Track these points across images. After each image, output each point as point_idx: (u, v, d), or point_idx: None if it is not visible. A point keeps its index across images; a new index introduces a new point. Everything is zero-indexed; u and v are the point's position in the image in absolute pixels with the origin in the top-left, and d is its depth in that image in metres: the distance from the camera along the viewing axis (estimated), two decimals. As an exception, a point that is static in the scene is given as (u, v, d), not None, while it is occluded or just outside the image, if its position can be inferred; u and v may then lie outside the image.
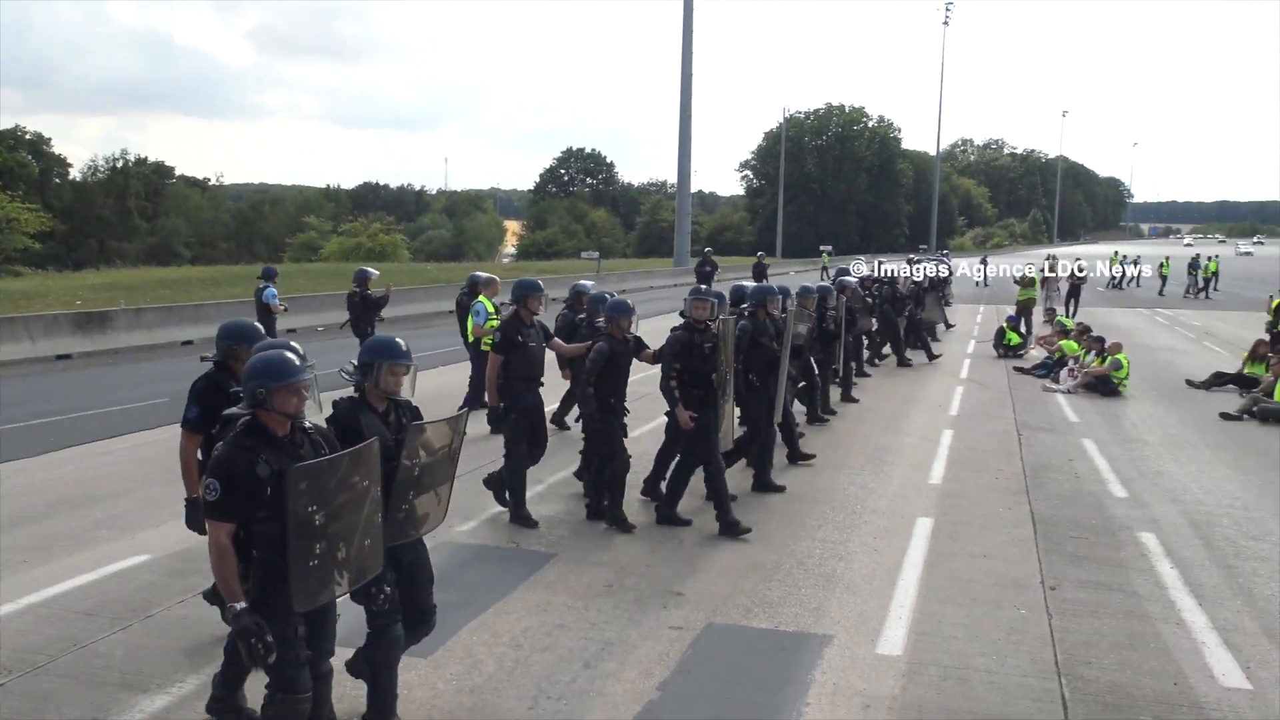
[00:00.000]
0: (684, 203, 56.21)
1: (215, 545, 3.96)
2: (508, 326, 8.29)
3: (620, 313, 8.11)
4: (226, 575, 3.94)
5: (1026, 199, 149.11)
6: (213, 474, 3.97)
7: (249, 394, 4.07)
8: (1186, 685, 5.50)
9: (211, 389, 5.46)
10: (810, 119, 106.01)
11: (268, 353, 4.28)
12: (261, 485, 3.94)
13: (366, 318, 15.28)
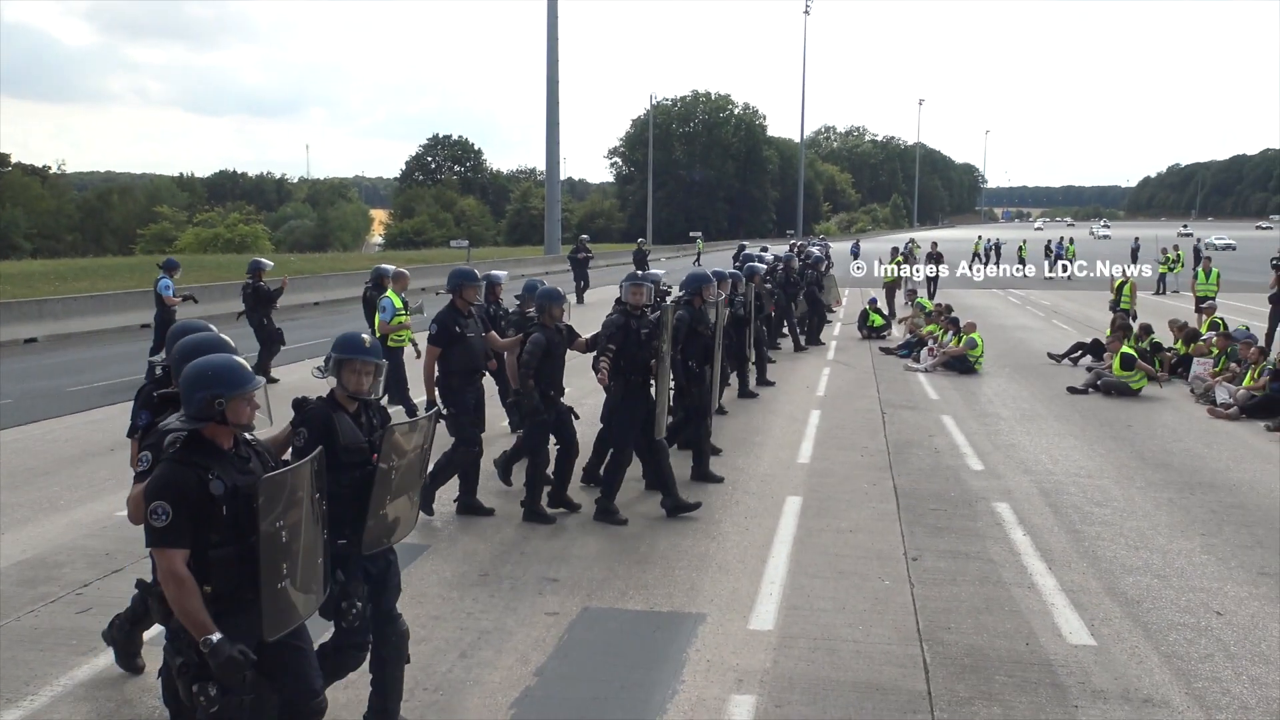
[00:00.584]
0: (553, 190, 55.99)
1: (172, 576, 3.46)
2: (445, 317, 8.00)
3: (552, 301, 7.95)
4: (192, 606, 3.47)
5: (887, 184, 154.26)
6: (157, 495, 3.48)
7: (200, 403, 3.59)
8: (1037, 645, 5.81)
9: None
10: (677, 106, 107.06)
11: (215, 357, 3.81)
12: (216, 505, 3.53)
13: (261, 309, 14.85)
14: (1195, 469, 9.96)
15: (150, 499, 3.48)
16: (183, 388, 3.68)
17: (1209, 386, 13.66)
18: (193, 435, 3.62)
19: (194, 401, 3.61)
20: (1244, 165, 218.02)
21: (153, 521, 3.47)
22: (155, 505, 3.46)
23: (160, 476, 3.54)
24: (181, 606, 3.48)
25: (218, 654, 3.44)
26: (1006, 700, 5.13)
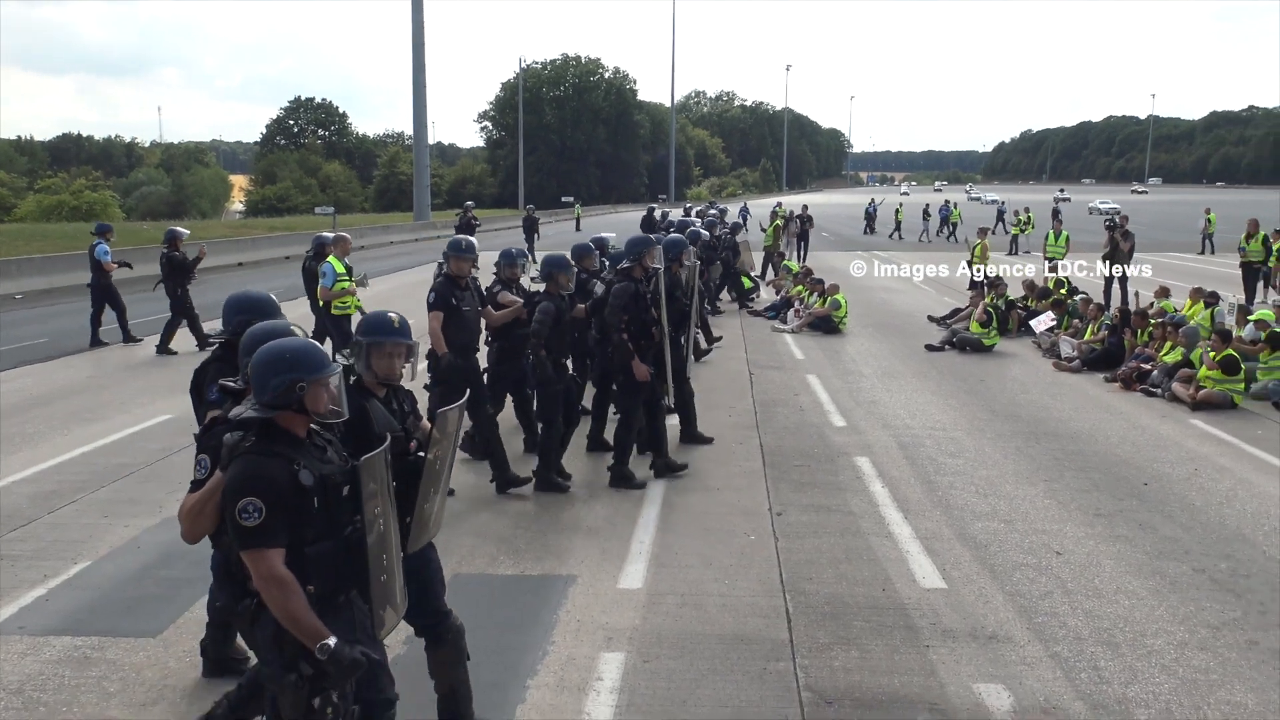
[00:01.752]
0: (421, 155, 54.83)
1: (273, 579, 3.13)
2: (442, 288, 7.79)
3: (560, 269, 7.83)
4: (300, 610, 3.14)
5: (757, 149, 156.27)
6: (245, 491, 3.13)
7: (278, 389, 3.26)
8: (893, 590, 6.08)
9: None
10: (547, 70, 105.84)
11: (293, 340, 3.48)
12: (308, 497, 3.22)
13: (176, 279, 14.38)
14: (1040, 419, 10.51)
15: (237, 496, 3.13)
16: (257, 371, 3.31)
17: (1054, 341, 14.41)
18: (266, 424, 3.28)
19: (271, 386, 3.27)
20: (1089, 131, 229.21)
21: (243, 521, 3.11)
22: (245, 503, 3.11)
23: (244, 471, 3.18)
24: (288, 612, 3.14)
25: (339, 659, 3.13)
26: (863, 644, 5.36)
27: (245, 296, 4.77)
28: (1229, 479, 8.39)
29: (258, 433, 3.27)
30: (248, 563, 3.17)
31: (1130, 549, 6.78)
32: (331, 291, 11.04)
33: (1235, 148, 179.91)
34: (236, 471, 3.20)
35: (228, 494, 3.18)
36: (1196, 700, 4.79)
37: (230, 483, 3.19)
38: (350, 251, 11.74)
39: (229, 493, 3.18)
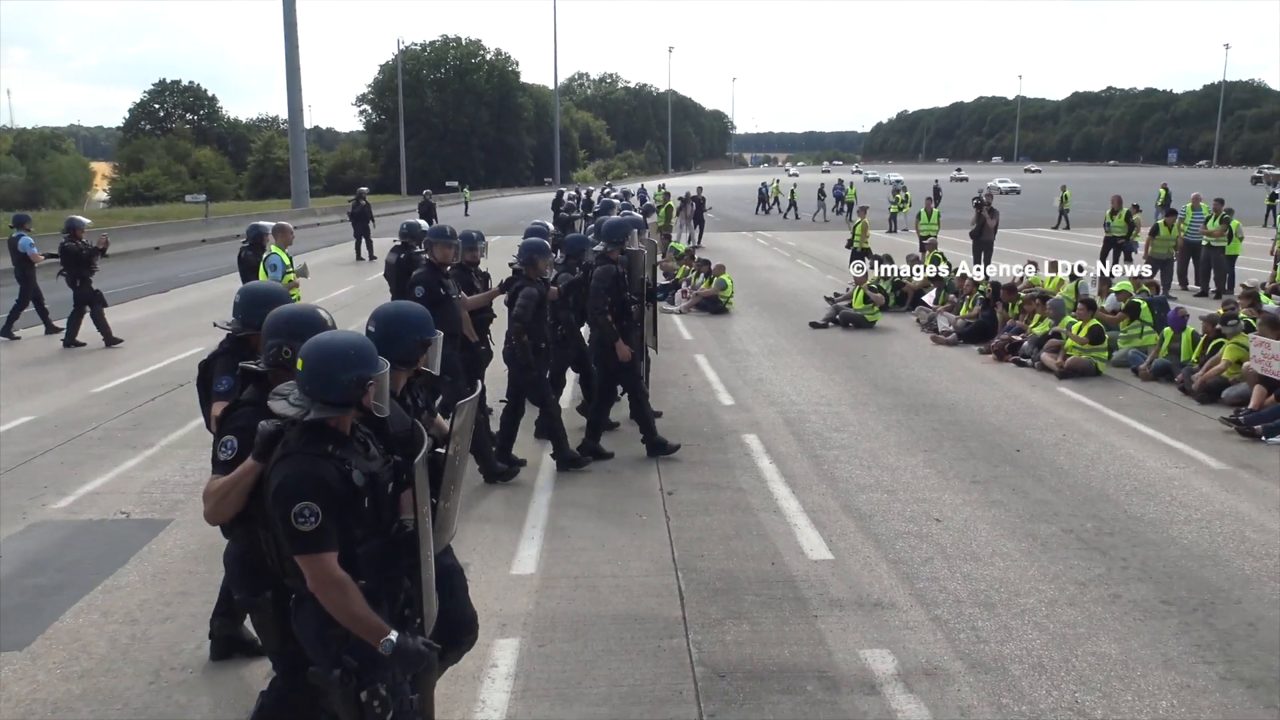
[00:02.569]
0: (298, 140, 53.38)
1: (332, 582, 3.07)
2: (429, 278, 7.62)
3: (541, 254, 7.84)
4: (361, 609, 3.11)
5: (642, 131, 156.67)
6: (302, 496, 3.04)
7: (348, 386, 3.14)
8: (782, 563, 6.22)
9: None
10: (427, 51, 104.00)
11: (345, 334, 3.31)
12: (359, 497, 3.15)
13: (76, 270, 13.87)
14: (920, 392, 10.86)
15: (291, 500, 3.05)
16: (321, 367, 3.14)
17: (932, 316, 14.89)
18: (314, 423, 3.15)
19: (341, 384, 3.13)
20: (962, 112, 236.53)
21: (299, 526, 3.04)
22: (300, 507, 3.04)
23: (300, 474, 3.08)
24: (351, 612, 3.11)
25: (404, 652, 3.14)
26: (754, 617, 5.47)
27: (266, 289, 4.64)
28: (1094, 443, 8.82)
29: (305, 431, 3.16)
30: (303, 566, 3.10)
31: (1004, 513, 7.08)
32: (281, 284, 10.72)
33: (1096, 127, 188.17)
34: (290, 473, 3.09)
35: (281, 497, 3.08)
36: (1065, 653, 5.04)
37: (283, 485, 3.09)
38: (292, 241, 11.46)
39: (282, 496, 3.08)
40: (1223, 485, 7.65)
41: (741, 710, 4.55)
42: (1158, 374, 11.21)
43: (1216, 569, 6.08)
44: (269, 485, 3.16)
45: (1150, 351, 11.67)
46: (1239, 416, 9.24)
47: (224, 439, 3.51)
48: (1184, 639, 5.20)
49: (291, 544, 3.10)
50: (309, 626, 3.26)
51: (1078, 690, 4.70)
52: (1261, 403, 9.34)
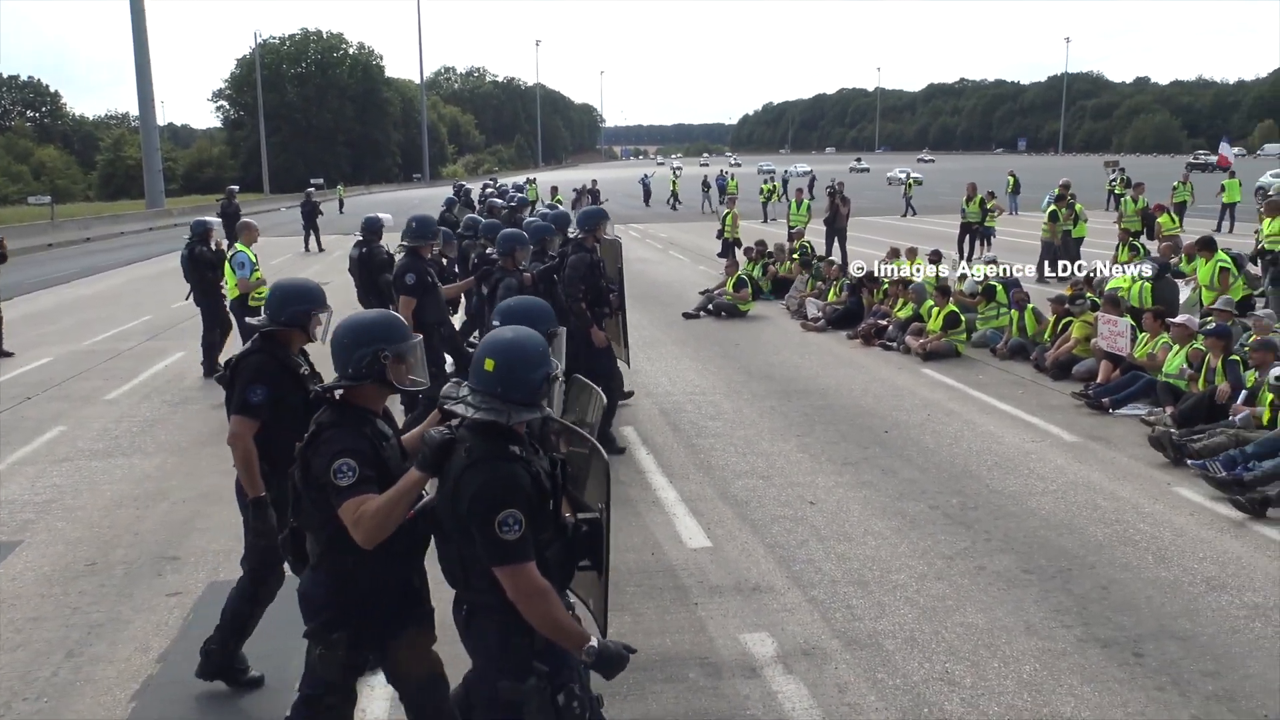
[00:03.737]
0: (150, 137, 51.13)
1: (538, 591, 2.93)
2: (415, 266, 7.62)
3: (520, 244, 7.83)
4: (563, 617, 2.98)
5: (511, 125, 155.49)
6: (507, 503, 2.88)
7: (539, 385, 3.04)
8: (662, 553, 6.26)
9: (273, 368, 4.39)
10: (287, 45, 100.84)
11: (529, 331, 3.19)
12: (548, 500, 3.02)
13: None
14: (792, 378, 11.09)
15: (496, 508, 2.87)
16: (515, 369, 3.02)
17: (800, 302, 15.22)
18: (495, 426, 2.98)
19: (533, 384, 3.04)
20: (825, 103, 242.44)
21: (504, 535, 2.86)
22: (505, 516, 2.86)
23: (498, 480, 2.91)
24: (554, 620, 2.95)
25: (607, 656, 2.99)
26: (635, 608, 5.49)
27: (301, 286, 4.55)
28: (957, 421, 9.16)
29: (488, 435, 2.99)
30: (505, 577, 2.92)
31: (875, 493, 7.29)
32: (250, 282, 10.42)
33: (951, 117, 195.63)
34: (487, 481, 2.91)
35: (480, 506, 2.89)
36: (936, 626, 5.22)
37: (482, 494, 2.90)
38: (257, 238, 11.06)
39: (482, 505, 2.89)
40: (1076, 457, 8.05)
41: (625, 702, 4.56)
42: (1013, 353, 11.72)
43: (1072, 537, 6.39)
44: (455, 496, 2.96)
45: (1005, 332, 12.19)
46: (1088, 391, 9.73)
47: (340, 463, 3.19)
48: (1044, 605, 5.45)
49: (493, 555, 2.92)
50: (489, 638, 3.09)
51: (948, 660, 4.87)
52: (1108, 377, 9.86)
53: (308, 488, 3.29)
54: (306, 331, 4.48)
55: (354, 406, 3.38)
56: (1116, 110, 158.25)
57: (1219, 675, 4.70)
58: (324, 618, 3.37)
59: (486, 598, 3.02)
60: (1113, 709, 4.44)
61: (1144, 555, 6.10)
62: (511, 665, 3.04)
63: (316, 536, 3.37)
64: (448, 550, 3.11)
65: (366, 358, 3.29)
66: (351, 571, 3.30)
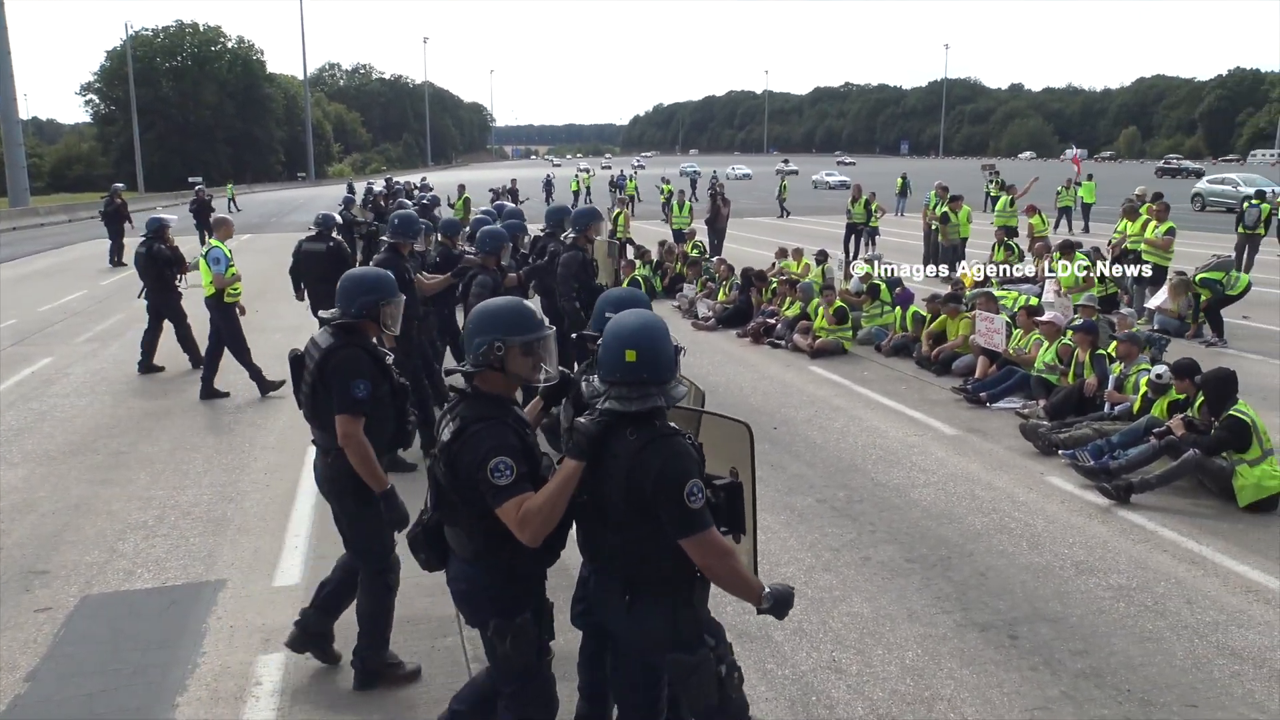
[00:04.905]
0: (12, 132, 48.67)
1: (726, 551, 3.06)
2: (394, 263, 7.56)
3: (501, 242, 7.90)
4: (745, 570, 3.16)
5: (399, 124, 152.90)
6: (693, 474, 3.00)
7: (674, 362, 3.16)
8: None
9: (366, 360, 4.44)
10: (161, 38, 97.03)
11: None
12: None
13: None
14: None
15: (682, 482, 2.96)
16: (659, 352, 3.11)
17: (692, 301, 15.38)
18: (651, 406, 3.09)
19: (673, 362, 3.17)
20: (714, 105, 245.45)
21: (692, 505, 2.97)
22: (691, 486, 2.97)
23: (677, 456, 3.01)
24: (740, 577, 3.11)
25: (782, 597, 3.19)
26: (528, 608, 5.47)
27: (369, 276, 4.61)
28: (843, 417, 9.39)
29: (647, 415, 3.08)
30: (694, 547, 3.02)
31: (764, 488, 7.39)
32: (226, 278, 10.17)
33: (837, 120, 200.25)
34: (668, 458, 3.01)
35: (667, 483, 2.98)
36: (823, 615, 5.36)
37: (666, 472, 2.99)
38: (232, 234, 10.79)
39: (668, 482, 2.98)
40: (955, 449, 8.34)
41: (518, 702, 4.55)
42: (897, 350, 12.06)
43: (952, 526, 6.63)
44: (631, 479, 3.02)
45: (889, 329, 12.54)
46: (967, 386, 10.10)
47: (498, 461, 3.14)
48: (926, 593, 5.64)
49: (681, 526, 3.00)
50: (657, 616, 3.17)
51: (834, 649, 5.00)
52: (985, 372, 10.24)
53: (457, 485, 3.26)
54: (379, 321, 4.54)
55: (489, 396, 3.35)
56: (993, 115, 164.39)
57: (1087, 654, 4.94)
58: (498, 608, 3.37)
59: (654, 576, 3.13)
60: (989, 689, 4.63)
61: (1019, 542, 6.37)
62: (683, 639, 3.17)
63: (470, 532, 3.34)
64: (605, 536, 3.18)
65: (483, 347, 3.29)
66: (510, 562, 3.33)
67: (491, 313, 3.37)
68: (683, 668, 3.16)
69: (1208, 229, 26.68)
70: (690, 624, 3.20)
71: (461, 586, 3.44)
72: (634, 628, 3.23)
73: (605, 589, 3.27)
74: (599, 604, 3.35)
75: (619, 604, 3.21)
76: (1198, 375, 7.56)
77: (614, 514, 3.10)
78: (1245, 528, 6.58)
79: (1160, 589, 5.68)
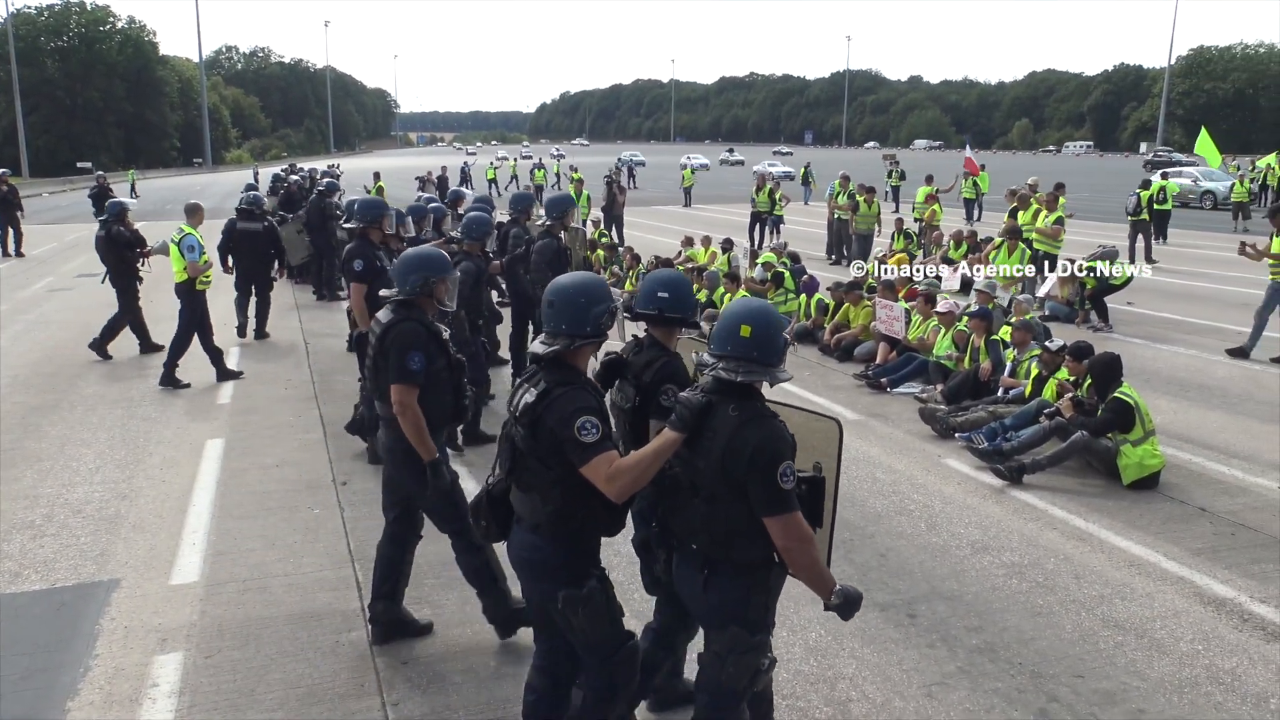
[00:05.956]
0: (-116, 114, 45.93)
1: (806, 538, 3.15)
2: (363, 250, 7.55)
3: (487, 229, 7.94)
4: (822, 563, 3.26)
5: (299, 109, 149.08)
6: (784, 454, 3.10)
7: (598, 319, 3.40)
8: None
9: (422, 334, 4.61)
10: (44, 17, 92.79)
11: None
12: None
13: None
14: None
15: (778, 460, 3.08)
16: (772, 334, 3.26)
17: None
18: (749, 386, 3.24)
19: (592, 316, 3.42)
20: (621, 93, 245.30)
21: (784, 485, 3.09)
22: (785, 467, 3.09)
23: (774, 435, 3.13)
24: (817, 564, 3.22)
25: (851, 597, 3.25)
26: (435, 600, 5.45)
27: (423, 255, 4.77)
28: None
29: (746, 394, 3.21)
30: (778, 526, 3.11)
31: (672, 475, 7.47)
32: (200, 266, 10.07)
33: (742, 110, 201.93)
34: (766, 435, 3.11)
35: (763, 459, 3.07)
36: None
37: (764, 448, 3.08)
38: (203, 220, 10.60)
39: (765, 458, 3.07)
40: (857, 433, 8.52)
41: (425, 695, 4.53)
42: (800, 337, 12.26)
43: (854, 509, 6.78)
44: (728, 454, 3.11)
45: (793, 317, 12.74)
46: (868, 372, 10.33)
47: (584, 420, 3.22)
48: (828, 574, 5.75)
49: (770, 505, 3.09)
50: (734, 593, 3.26)
51: (740, 632, 5.07)
52: (886, 358, 10.49)
53: (537, 447, 3.32)
54: (434, 297, 4.70)
55: (570, 366, 3.43)
56: (893, 106, 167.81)
57: (982, 630, 5.12)
58: (565, 576, 3.41)
59: (734, 554, 3.22)
60: (889, 667, 4.76)
61: (917, 523, 6.55)
62: (753, 619, 3.27)
63: (545, 496, 3.37)
64: (692, 508, 3.26)
65: (604, 314, 3.42)
66: (578, 531, 3.40)
67: (595, 283, 3.54)
68: (740, 644, 3.25)
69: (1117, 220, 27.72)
70: (760, 609, 3.31)
71: (526, 555, 3.51)
72: (709, 600, 3.32)
73: (683, 562, 3.40)
74: (680, 579, 3.46)
75: (696, 578, 3.32)
76: (1086, 359, 7.87)
77: (705, 486, 3.20)
78: (1129, 505, 6.88)
79: (1050, 565, 5.92)
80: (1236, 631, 5.14)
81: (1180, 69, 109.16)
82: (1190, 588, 5.63)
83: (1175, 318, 13.82)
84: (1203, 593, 5.57)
